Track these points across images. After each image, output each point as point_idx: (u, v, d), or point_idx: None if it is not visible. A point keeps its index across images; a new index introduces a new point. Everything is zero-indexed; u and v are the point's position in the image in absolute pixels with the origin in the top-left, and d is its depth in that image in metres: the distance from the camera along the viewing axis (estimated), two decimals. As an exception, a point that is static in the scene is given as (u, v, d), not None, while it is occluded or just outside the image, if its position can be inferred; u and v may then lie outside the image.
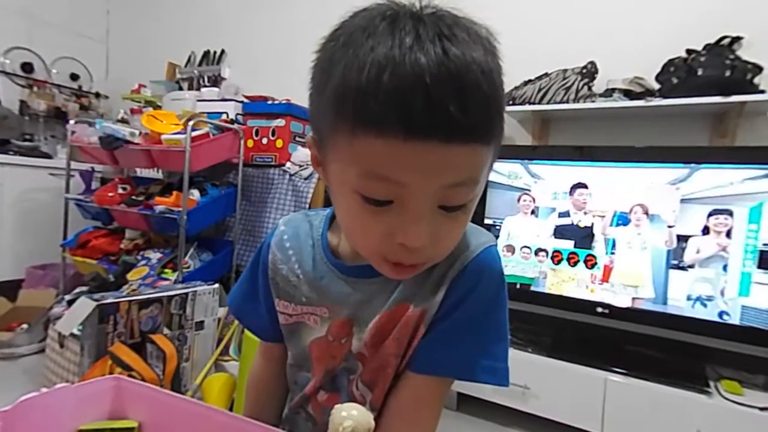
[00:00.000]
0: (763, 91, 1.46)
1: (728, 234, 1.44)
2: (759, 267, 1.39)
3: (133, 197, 2.15)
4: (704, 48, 1.59)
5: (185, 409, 0.53)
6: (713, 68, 1.49)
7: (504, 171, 1.80)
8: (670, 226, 1.53)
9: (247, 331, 1.51)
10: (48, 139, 3.06)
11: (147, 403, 0.55)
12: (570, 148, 1.77)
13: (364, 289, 0.48)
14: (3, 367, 1.84)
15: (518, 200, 1.78)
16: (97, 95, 3.33)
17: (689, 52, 1.61)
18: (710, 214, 1.46)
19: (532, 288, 1.75)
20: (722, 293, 1.45)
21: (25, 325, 2.00)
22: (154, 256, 2.09)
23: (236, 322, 1.89)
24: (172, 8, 3.23)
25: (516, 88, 1.86)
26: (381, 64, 0.33)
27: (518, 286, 1.77)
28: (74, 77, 3.26)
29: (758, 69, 1.48)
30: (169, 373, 1.45)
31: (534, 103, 1.80)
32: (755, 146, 1.59)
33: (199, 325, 1.70)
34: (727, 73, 1.47)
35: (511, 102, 1.85)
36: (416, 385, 0.47)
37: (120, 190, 2.20)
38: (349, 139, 0.36)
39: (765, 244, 1.39)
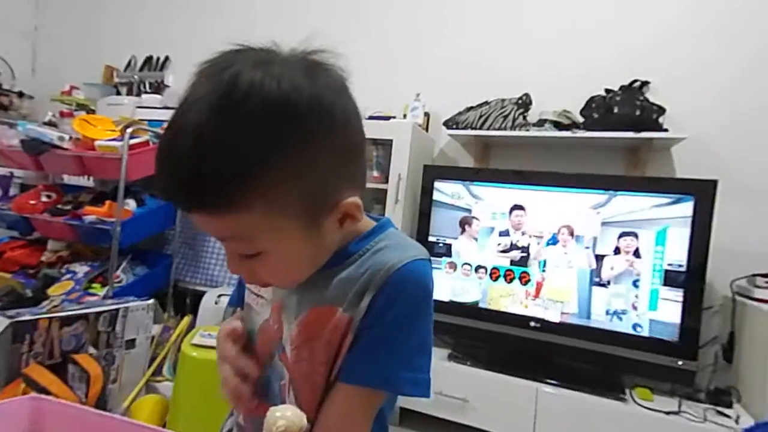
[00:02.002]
0: (666, 130, 1.68)
1: (636, 253, 1.62)
2: (664, 284, 1.57)
3: (59, 206, 1.99)
4: (620, 88, 1.80)
5: (113, 427, 0.51)
6: (627, 107, 1.70)
7: (447, 191, 1.89)
8: (587, 247, 1.68)
9: (183, 349, 1.45)
10: (-42, 139, 2.76)
11: (71, 424, 0.52)
12: (509, 172, 1.91)
13: None
14: None
15: (466, 222, 1.87)
16: (21, 94, 3.07)
17: (607, 91, 1.81)
18: (620, 236, 1.64)
19: (472, 304, 1.83)
20: (634, 307, 1.62)
21: None
22: (81, 269, 1.94)
23: (172, 339, 1.79)
24: (113, 7, 3.08)
25: (459, 113, 1.98)
26: None
27: (465, 304, 1.85)
28: (-6, 73, 2.99)
29: (662, 110, 1.70)
30: (93, 396, 1.35)
31: (475, 128, 1.92)
32: (662, 177, 1.81)
33: (130, 344, 1.59)
34: (638, 113, 1.67)
35: (454, 126, 1.96)
36: (343, 397, 0.46)
37: (44, 198, 2.04)
38: None
39: (669, 264, 1.57)
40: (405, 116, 2.09)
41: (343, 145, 0.41)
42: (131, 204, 1.97)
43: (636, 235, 1.61)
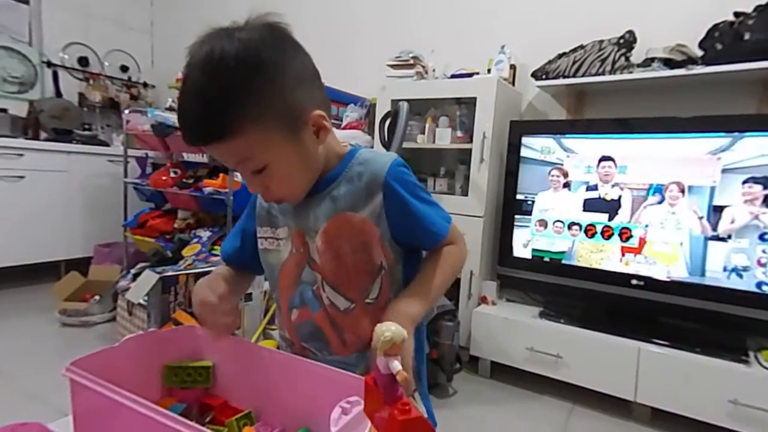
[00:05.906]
0: (816, 54, 1.38)
1: (765, 202, 1.40)
2: (804, 237, 1.36)
3: (184, 180, 2.31)
4: (755, 9, 1.51)
5: (250, 350, 0.63)
6: (762, 32, 1.42)
7: (536, 146, 1.81)
8: (697, 215, 1.50)
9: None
10: (104, 128, 3.31)
11: (218, 348, 0.66)
12: (608, 121, 1.75)
13: (300, 205, 0.64)
14: (80, 333, 2.08)
15: (554, 173, 1.78)
16: (145, 85, 3.54)
17: (737, 15, 1.53)
18: (744, 183, 1.43)
19: (564, 261, 1.77)
20: (760, 263, 1.42)
21: (97, 297, 2.23)
22: (205, 234, 2.26)
23: (281, 294, 2.03)
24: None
25: (550, 61, 1.84)
26: None
27: (548, 259, 1.80)
28: (124, 69, 3.48)
29: (812, 30, 1.39)
30: (224, 338, 1.61)
31: (568, 77, 1.77)
32: (807, 112, 1.52)
33: (248, 297, 1.84)
34: (777, 36, 1.40)
35: (544, 76, 1.83)
36: (438, 251, 0.66)
37: (172, 174, 2.37)
38: None
39: (813, 214, 1.35)
40: (489, 71, 2.00)
41: (291, 77, 0.56)
42: (239, 175, 2.21)
43: (764, 183, 1.39)
